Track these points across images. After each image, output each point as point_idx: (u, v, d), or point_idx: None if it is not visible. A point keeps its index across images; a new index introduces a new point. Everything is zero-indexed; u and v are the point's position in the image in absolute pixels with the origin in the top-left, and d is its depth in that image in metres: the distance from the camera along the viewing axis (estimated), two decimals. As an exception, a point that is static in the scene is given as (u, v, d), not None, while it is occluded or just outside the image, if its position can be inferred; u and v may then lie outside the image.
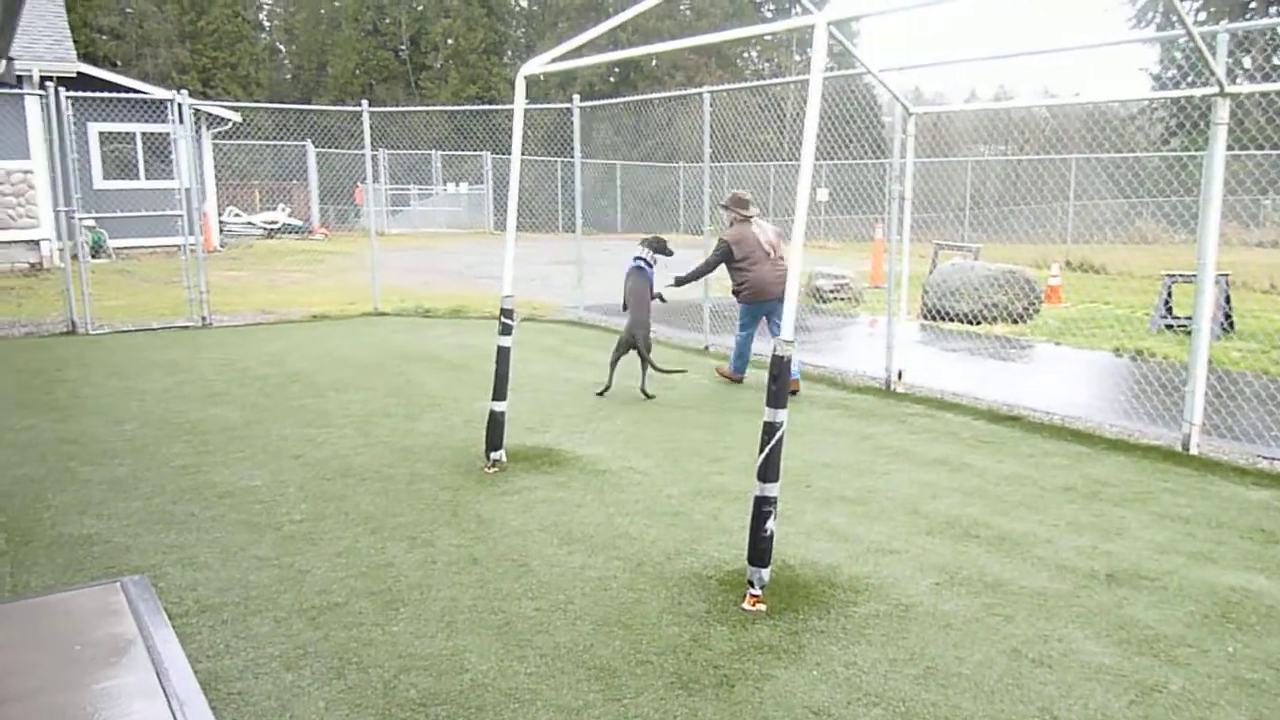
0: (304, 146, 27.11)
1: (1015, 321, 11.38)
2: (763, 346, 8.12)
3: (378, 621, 3.39)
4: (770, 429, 3.51)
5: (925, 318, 11.72)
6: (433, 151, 30.43)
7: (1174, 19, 32.29)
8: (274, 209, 27.21)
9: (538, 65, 5.21)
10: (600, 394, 7.26)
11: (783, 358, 3.52)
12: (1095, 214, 23.11)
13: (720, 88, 9.53)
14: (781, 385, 3.52)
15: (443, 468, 5.26)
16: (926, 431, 6.21)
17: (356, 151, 25.22)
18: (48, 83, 10.37)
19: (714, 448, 5.71)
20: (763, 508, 3.54)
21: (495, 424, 5.20)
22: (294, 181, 28.27)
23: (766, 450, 3.50)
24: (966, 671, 3.08)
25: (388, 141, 28.61)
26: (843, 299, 13.31)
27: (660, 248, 7.81)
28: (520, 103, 5.21)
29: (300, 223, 26.84)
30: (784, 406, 3.53)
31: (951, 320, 11.38)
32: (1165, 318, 10.59)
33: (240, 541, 4.15)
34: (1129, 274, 16.29)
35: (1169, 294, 10.66)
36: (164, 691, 2.93)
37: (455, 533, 4.27)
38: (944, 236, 20.16)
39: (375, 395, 7.10)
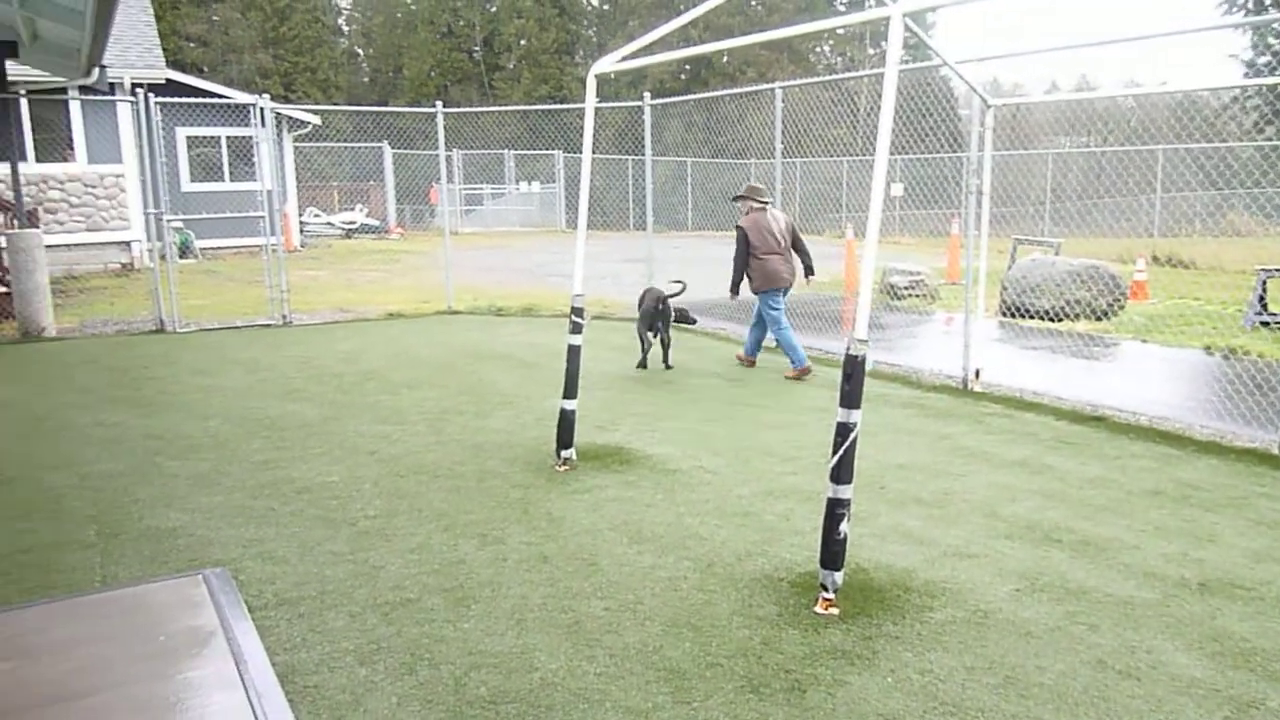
0: (381, 148, 27.64)
1: (1099, 318, 11.01)
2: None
3: (449, 618, 3.41)
4: (844, 430, 3.44)
5: (1004, 315, 11.41)
6: (505, 151, 30.77)
7: (1268, 3, 30.86)
8: (352, 209, 27.80)
9: (608, 64, 5.20)
10: (639, 366, 7.94)
11: (856, 357, 3.44)
12: (1184, 206, 22.24)
13: (792, 83, 9.41)
14: (855, 385, 3.45)
15: (514, 466, 5.29)
16: (1005, 432, 6.04)
17: (431, 152, 25.64)
18: (138, 89, 10.75)
19: (786, 447, 5.64)
20: (836, 510, 3.47)
21: (566, 422, 5.21)
22: (371, 182, 28.85)
23: (840, 452, 3.43)
24: (1048, 682, 2.97)
25: (461, 142, 29.04)
26: (918, 296, 13.04)
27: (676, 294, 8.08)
28: (591, 101, 5.20)
29: (377, 223, 27.38)
30: (857, 407, 3.45)
31: (1031, 317, 11.06)
32: (1260, 314, 10.13)
33: (317, 536, 4.23)
34: (1220, 269, 15.64)
35: (1264, 289, 10.19)
36: (243, 683, 3.00)
37: (526, 530, 4.29)
38: (1023, 231, 19.63)
39: (448, 393, 7.18)
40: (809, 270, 8.20)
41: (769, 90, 9.72)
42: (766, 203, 7.98)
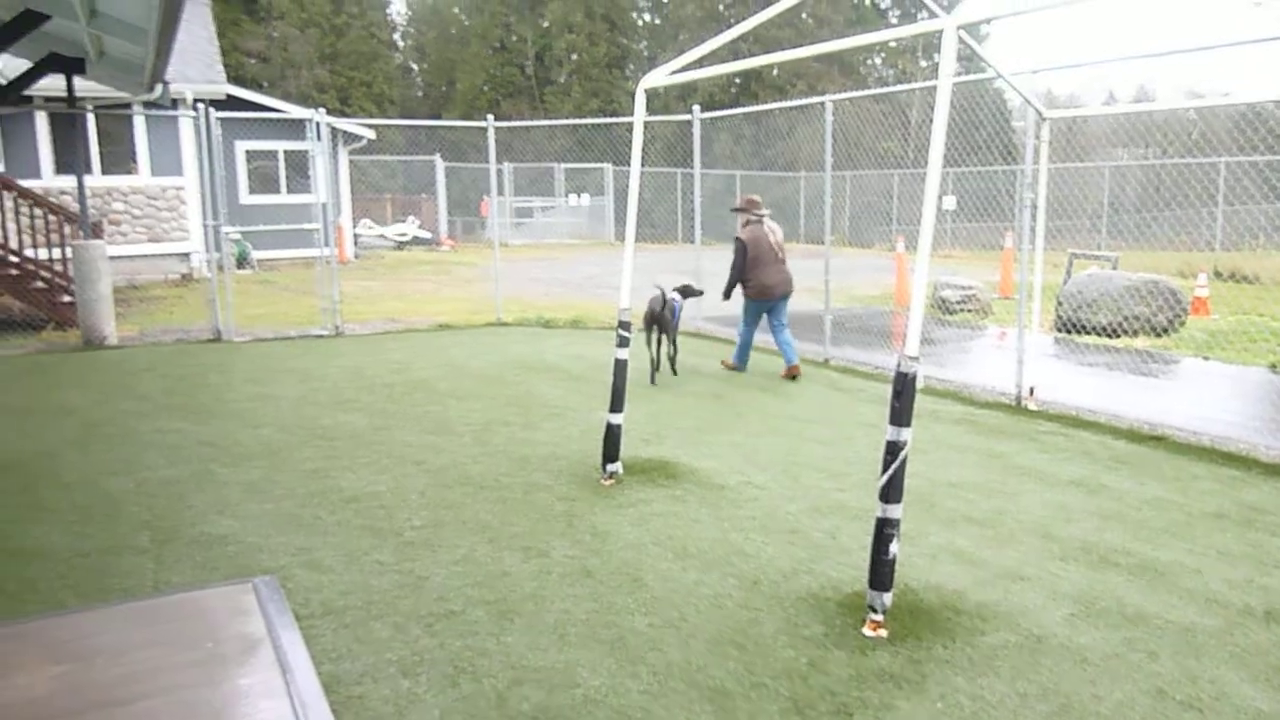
0: (433, 161, 28.02)
1: (1158, 334, 10.73)
2: (757, 338, 8.68)
3: (492, 631, 3.41)
4: (893, 448, 3.38)
5: (1059, 330, 11.18)
6: (555, 164, 30.99)
7: (1338, 10, 30.00)
8: (404, 221, 28.18)
9: (658, 78, 5.19)
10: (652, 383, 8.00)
11: (906, 374, 3.38)
12: (1247, 220, 21.64)
13: (842, 96, 9.33)
14: (905, 402, 3.38)
15: (559, 478, 5.29)
16: (1060, 450, 5.90)
17: (482, 165, 25.92)
18: (199, 104, 11.02)
19: (834, 463, 5.56)
20: (885, 529, 3.40)
21: (612, 436, 5.20)
22: (423, 195, 29.25)
23: (890, 471, 3.37)
24: (1105, 711, 2.88)
25: (512, 155, 29.32)
26: (970, 310, 12.84)
27: (689, 293, 8.60)
28: (640, 115, 5.20)
29: (429, 235, 27.72)
30: (908, 425, 3.39)
31: (1088, 333, 10.82)
32: (1329, 332, 9.79)
33: (363, 546, 4.26)
34: (1286, 284, 15.16)
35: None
36: (288, 692, 3.02)
37: (570, 544, 4.28)
38: (1079, 245, 19.24)
39: (495, 404, 7.21)
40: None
41: (819, 103, 9.65)
42: (764, 215, 8.31)
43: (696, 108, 11.18)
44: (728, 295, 8.47)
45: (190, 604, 3.77)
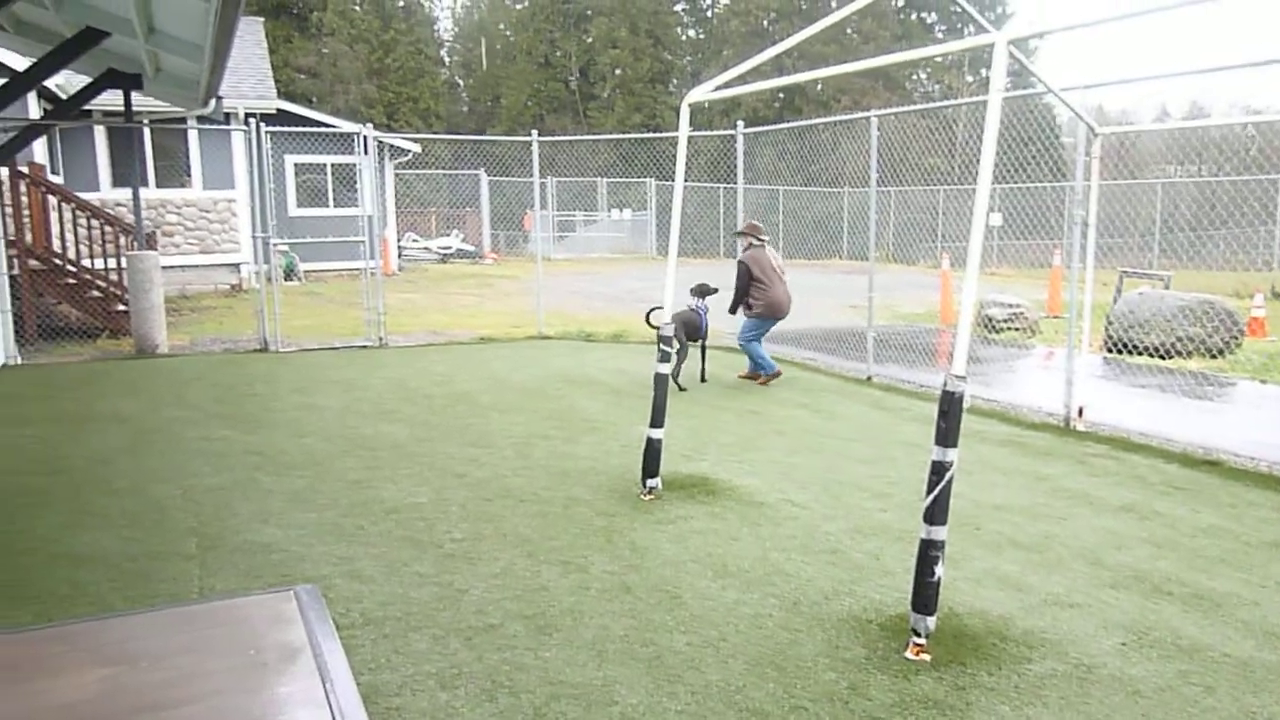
0: (478, 175, 28.31)
1: (1213, 356, 10.48)
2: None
3: (530, 646, 3.40)
4: (939, 469, 3.32)
5: (1109, 350, 10.97)
6: (598, 179, 31.16)
7: (1402, 26, 29.26)
8: (448, 235, 28.47)
9: (702, 93, 5.19)
10: (681, 389, 8.23)
11: (953, 393, 3.33)
12: (1306, 239, 21.11)
13: (887, 111, 9.28)
14: (951, 423, 3.33)
15: (598, 493, 5.28)
16: (1110, 474, 5.77)
17: (526, 179, 26.11)
18: (251, 119, 11.24)
19: (876, 482, 5.49)
20: (930, 552, 3.35)
21: (652, 451, 5.18)
22: (467, 209, 29.53)
23: (935, 492, 3.31)
24: (1158, 745, 2.80)
25: (555, 169, 29.51)
26: (1016, 329, 12.65)
27: (705, 291, 8.75)
28: (684, 130, 5.21)
29: (472, 248, 27.97)
30: (954, 445, 3.34)
31: (1138, 353, 10.60)
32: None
33: (404, 557, 4.29)
34: (1347, 306, 14.75)
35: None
36: (328, 702, 3.03)
37: (609, 559, 4.26)
38: (1130, 263, 18.89)
39: (536, 417, 7.24)
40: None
41: (864, 118, 9.59)
42: (765, 240, 8.79)
43: (740, 123, 11.18)
44: (734, 311, 8.85)
45: (233, 611, 3.81)
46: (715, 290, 8.85)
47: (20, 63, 11.36)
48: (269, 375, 9.11)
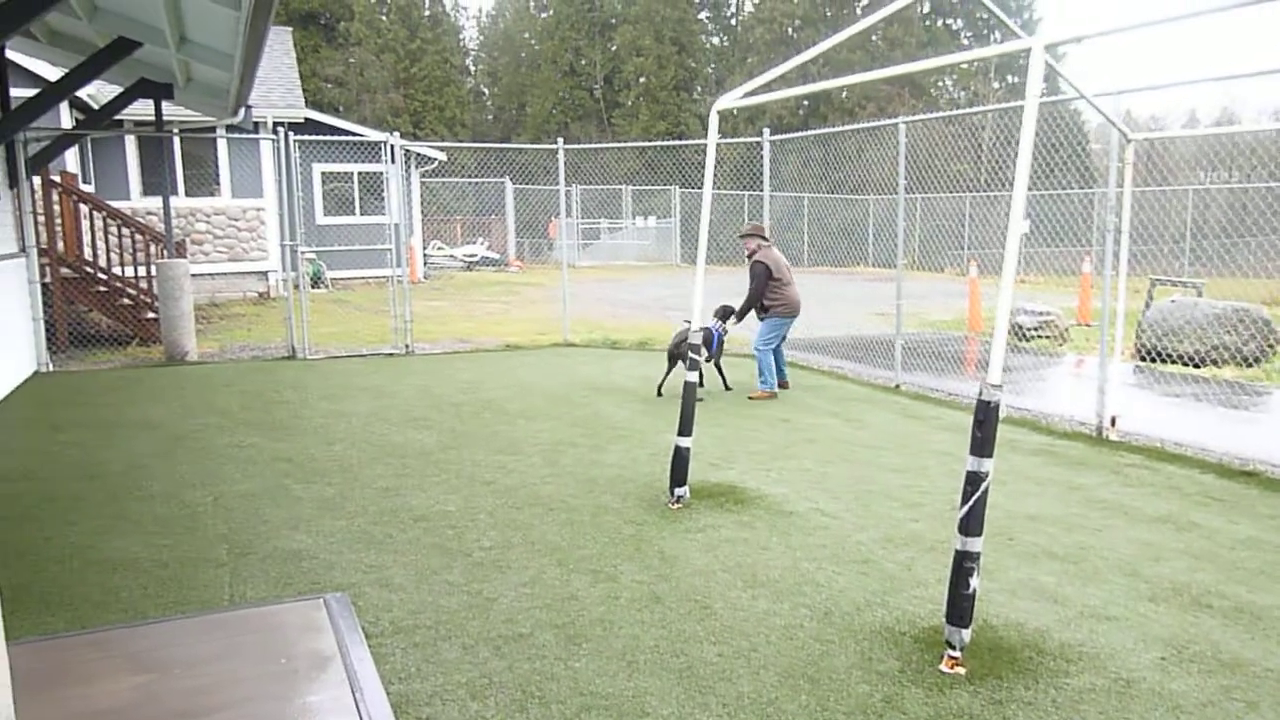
0: (503, 183, 28.42)
1: (1247, 365, 10.32)
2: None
3: (560, 655, 3.39)
4: (974, 479, 3.28)
5: (1140, 359, 10.83)
6: (623, 186, 31.20)
7: None
8: (473, 243, 28.62)
9: (731, 100, 5.17)
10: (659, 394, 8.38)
11: (989, 402, 3.29)
12: (1342, 246, 20.77)
13: (916, 118, 9.22)
14: (987, 432, 3.28)
15: (627, 501, 5.26)
16: (1145, 485, 5.68)
17: (551, 187, 26.20)
18: (279, 128, 11.36)
19: (908, 492, 5.44)
20: (965, 563, 3.30)
21: (680, 459, 5.15)
22: (493, 216, 29.66)
23: (970, 502, 3.26)
24: (1202, 763, 2.73)
25: (581, 177, 29.59)
26: (1046, 337, 12.52)
27: (726, 315, 8.73)
28: (713, 136, 5.19)
29: (497, 256, 28.09)
30: (989, 455, 3.29)
31: (1171, 362, 10.46)
32: None
33: (433, 565, 4.28)
34: (1385, 313, 14.48)
35: None
36: (358, 710, 3.03)
37: (638, 569, 4.24)
38: (1160, 271, 18.66)
39: (562, 425, 7.23)
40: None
41: (891, 125, 9.54)
42: (769, 240, 8.70)
43: (766, 130, 11.15)
44: (741, 318, 8.71)
45: (264, 618, 3.83)
46: (735, 312, 8.83)
47: (53, 73, 11.56)
48: (297, 382, 9.17)
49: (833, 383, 9.26)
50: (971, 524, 3.30)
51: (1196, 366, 10.23)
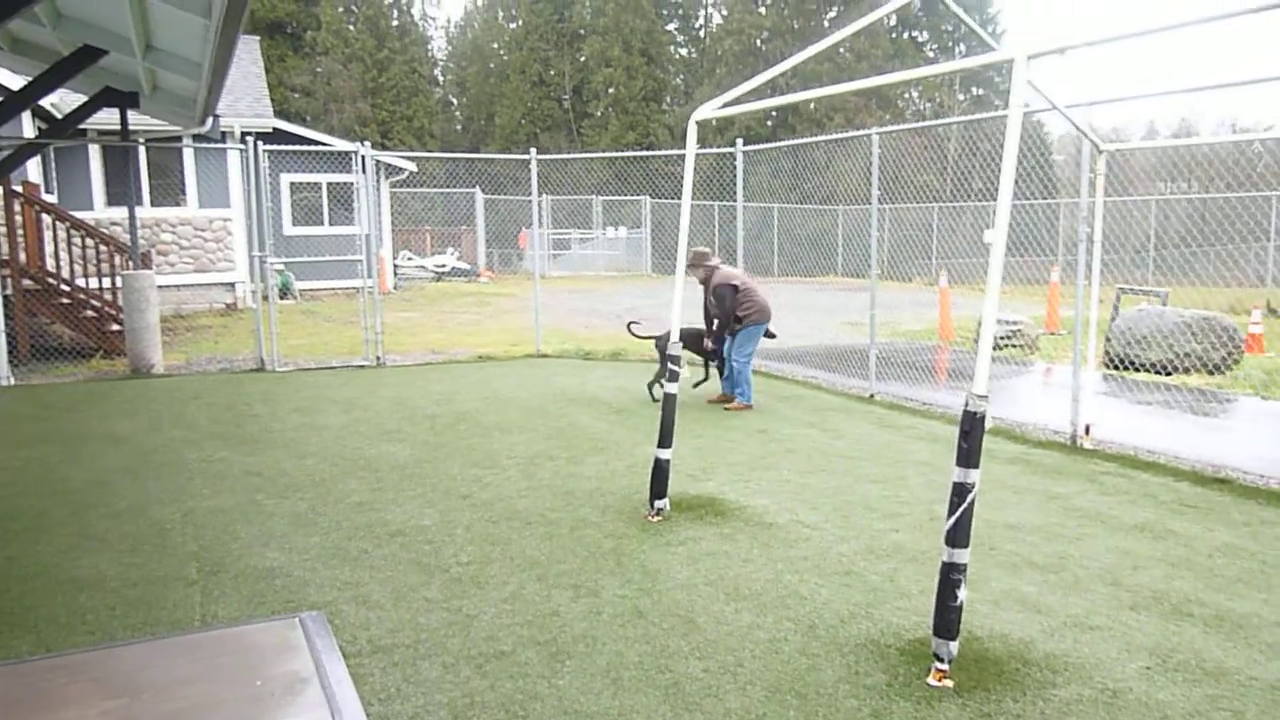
0: (473, 193, 28.29)
1: (1211, 372, 10.46)
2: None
3: (543, 673, 3.32)
4: (960, 491, 3.26)
5: (1109, 367, 10.94)
6: (594, 197, 31.17)
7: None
8: (443, 253, 28.43)
9: (710, 110, 5.15)
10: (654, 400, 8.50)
11: (975, 413, 3.27)
12: (1299, 255, 21.19)
13: (890, 129, 9.28)
14: (973, 443, 3.27)
15: (606, 514, 5.21)
16: (1121, 493, 5.71)
17: (522, 197, 26.14)
18: (247, 137, 11.20)
19: (888, 502, 5.43)
20: (951, 575, 3.28)
21: (660, 471, 5.11)
22: (463, 227, 29.51)
23: (957, 514, 3.25)
24: (1193, 774, 2.72)
25: (550, 187, 29.53)
26: (1016, 346, 12.63)
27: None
28: (692, 146, 5.17)
29: (468, 266, 27.93)
30: (976, 466, 3.28)
31: (1139, 370, 10.58)
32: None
33: (411, 582, 4.20)
34: (1343, 321, 14.78)
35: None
36: (338, 734, 2.95)
37: (620, 583, 4.18)
38: (1125, 280, 18.93)
39: (538, 437, 7.16)
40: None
41: (865, 136, 9.58)
42: (714, 260, 8.57)
43: (739, 141, 11.17)
44: (719, 341, 8.50)
45: (238, 639, 3.71)
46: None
47: (16, 81, 11.32)
48: (267, 395, 9.02)
49: (808, 393, 9.27)
50: (958, 535, 3.29)
51: (1164, 374, 10.36)
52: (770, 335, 8.70)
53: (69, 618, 3.81)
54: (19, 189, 11.09)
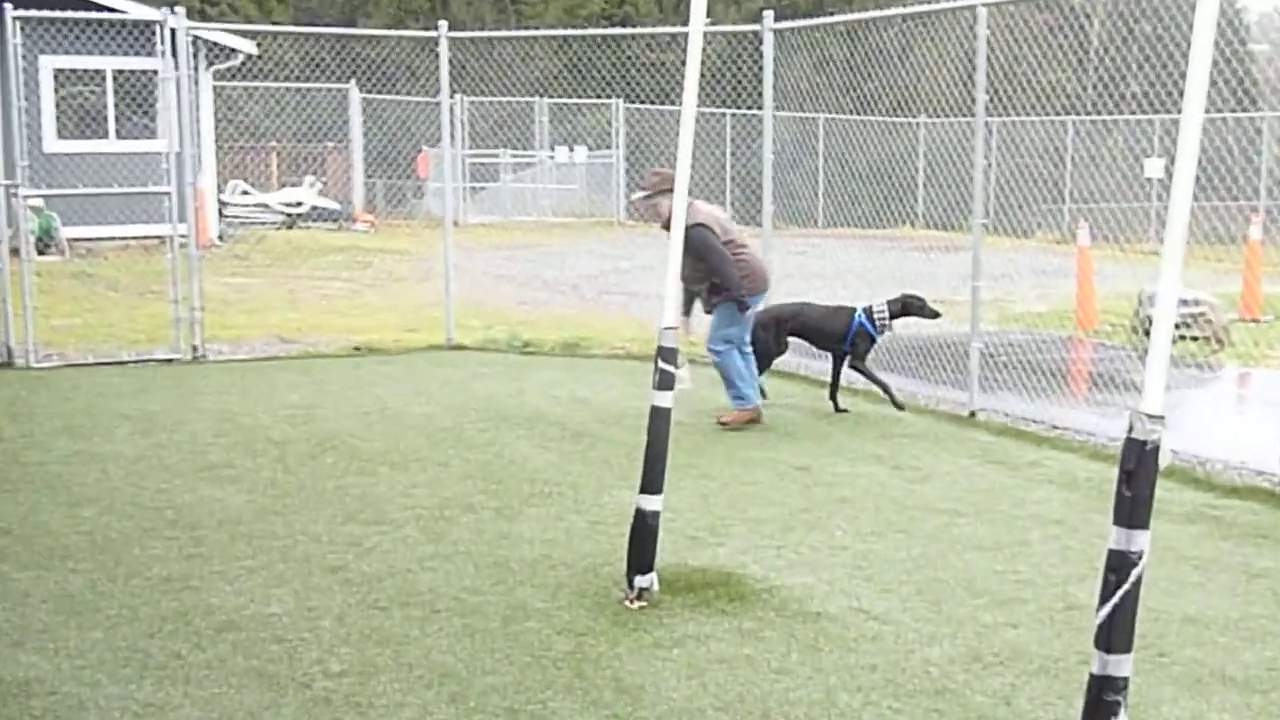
0: (346, 91, 28.17)
1: None
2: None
3: None
4: (1120, 564, 3.28)
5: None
6: (535, 99, 31.16)
7: None
8: (298, 185, 28.36)
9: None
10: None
11: (1144, 443, 3.28)
12: None
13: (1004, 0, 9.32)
14: (1141, 489, 3.29)
15: (557, 597, 5.21)
16: (1361, 568, 5.78)
17: (423, 99, 26.09)
18: (-11, -2, 11.11)
19: (999, 579, 5.47)
20: (1106, 696, 3.29)
21: (645, 530, 5.12)
22: (328, 144, 29.43)
23: (1115, 599, 3.26)
24: None
25: (468, 85, 29.43)
26: (1195, 338, 12.73)
27: (910, 308, 9.17)
28: (699, 18, 5.18)
29: (336, 205, 27.90)
30: (1145, 526, 3.30)
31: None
32: None
33: (249, 703, 4.17)
34: None
35: None
36: None
37: (580, 706, 4.17)
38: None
39: (450, 476, 7.18)
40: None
41: (961, 9, 9.65)
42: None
43: (769, 14, 11.19)
44: (711, 306, 8.77)
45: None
46: (927, 310, 9.09)
47: None
48: (17, 405, 9.02)
49: (873, 408, 9.32)
50: (1116, 634, 3.30)
51: None
52: (931, 314, 9.04)
53: None
54: None
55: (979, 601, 5.23)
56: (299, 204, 27.43)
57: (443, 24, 12.46)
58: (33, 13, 11.21)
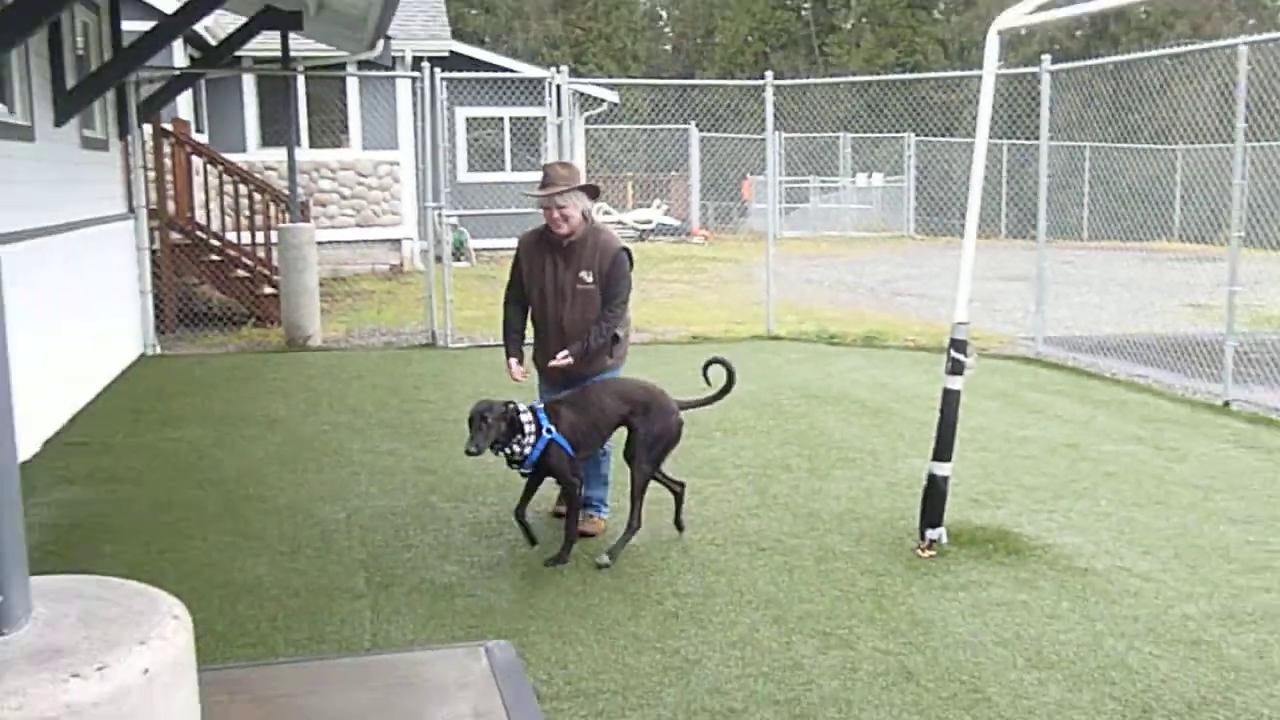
0: (686, 131, 28.54)
1: None
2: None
3: (786, 741, 3.34)
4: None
5: None
6: (840, 134, 30.75)
7: None
8: (648, 206, 28.92)
9: (1015, 17, 4.98)
10: None
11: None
12: None
13: (1267, 38, 8.62)
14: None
15: (860, 543, 5.17)
16: None
17: (748, 135, 26.17)
18: (421, 63, 11.80)
19: (1253, 551, 5.09)
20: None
21: (936, 492, 5.02)
22: (672, 174, 29.90)
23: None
24: None
25: (782, 123, 29.34)
26: None
27: None
28: (991, 64, 5.01)
29: (677, 223, 28.29)
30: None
31: None
32: None
33: (616, 614, 4.32)
34: None
35: None
36: (533, 795, 3.08)
37: (880, 633, 4.14)
38: None
39: (771, 442, 7.20)
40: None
41: (1222, 49, 8.96)
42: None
43: (1046, 58, 10.71)
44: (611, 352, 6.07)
45: (415, 667, 3.97)
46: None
47: (169, 3, 12.46)
48: (440, 377, 9.53)
49: (1134, 396, 8.80)
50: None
51: None
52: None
53: (226, 627, 4.18)
54: (168, 127, 12.16)
55: (1232, 566, 4.89)
56: (649, 222, 27.96)
57: (768, 74, 12.48)
58: (453, 74, 11.84)
